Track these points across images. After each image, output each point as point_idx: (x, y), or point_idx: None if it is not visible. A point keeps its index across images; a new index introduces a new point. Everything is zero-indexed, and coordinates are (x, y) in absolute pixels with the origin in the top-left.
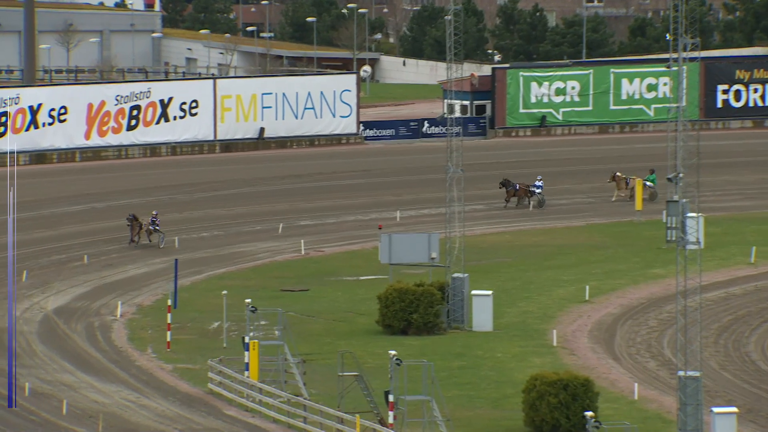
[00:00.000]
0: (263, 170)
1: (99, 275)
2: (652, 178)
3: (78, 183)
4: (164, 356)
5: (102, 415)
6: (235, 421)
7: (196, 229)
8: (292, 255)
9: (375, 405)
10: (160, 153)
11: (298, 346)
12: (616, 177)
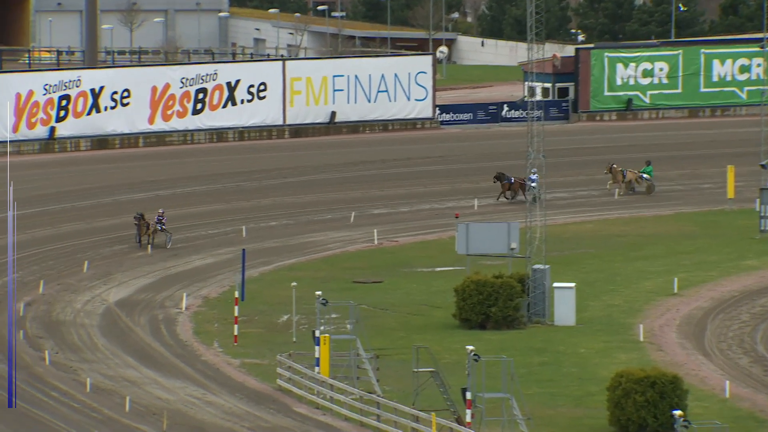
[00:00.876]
0: (334, 156)
1: (163, 266)
2: (649, 170)
3: (141, 169)
4: (231, 351)
5: (166, 412)
6: (305, 419)
7: (265, 218)
8: (365, 245)
9: (452, 403)
10: (227, 138)
11: (371, 340)
12: (612, 168)
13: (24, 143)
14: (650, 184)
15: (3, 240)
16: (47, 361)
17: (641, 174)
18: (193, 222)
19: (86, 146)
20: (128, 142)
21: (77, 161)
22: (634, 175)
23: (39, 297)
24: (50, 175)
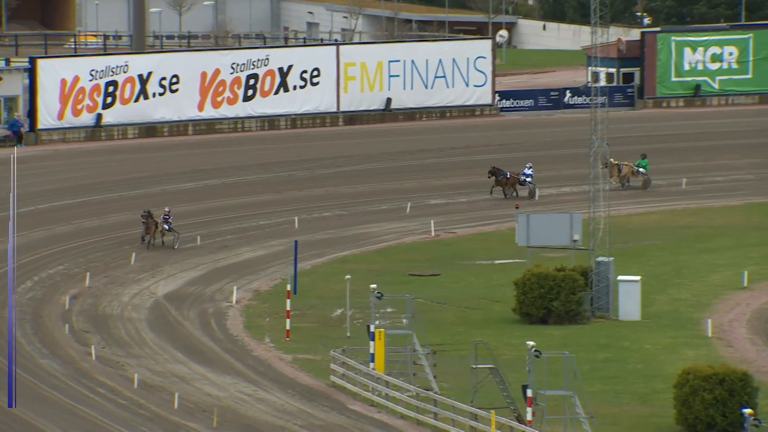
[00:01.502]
0: (390, 144)
1: (213, 258)
2: (644, 164)
3: (190, 158)
4: (283, 346)
5: (216, 409)
6: (359, 417)
7: (317, 209)
8: (421, 236)
9: (512, 400)
10: (279, 126)
11: (428, 335)
12: (608, 163)
13: (69, 131)
14: (646, 178)
15: (36, 234)
16: (93, 356)
17: (638, 168)
18: (243, 213)
19: (133, 134)
20: (177, 130)
21: (124, 150)
22: (630, 169)
23: (85, 290)
24: (96, 164)
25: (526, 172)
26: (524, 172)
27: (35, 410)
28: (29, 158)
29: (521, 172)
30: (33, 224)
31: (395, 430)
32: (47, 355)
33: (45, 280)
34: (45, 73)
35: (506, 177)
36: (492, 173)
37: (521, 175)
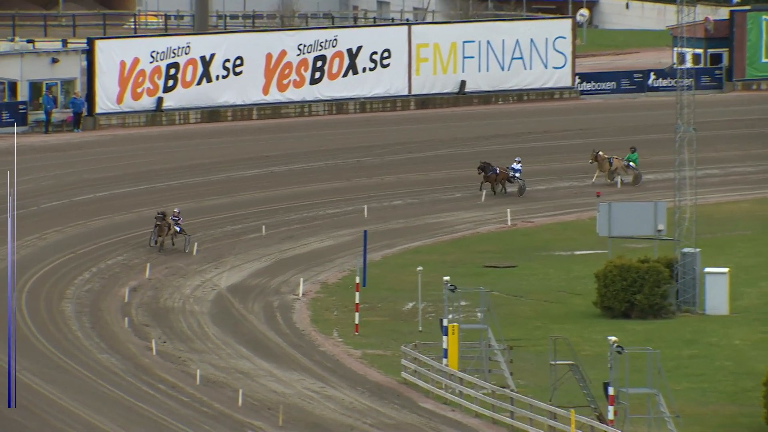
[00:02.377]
0: (464, 129)
1: (278, 248)
2: (634, 158)
3: (255, 144)
4: (352, 341)
5: (282, 406)
6: (432, 416)
7: (388, 197)
8: (497, 226)
9: (592, 398)
10: (347, 110)
11: (504, 330)
12: (598, 157)
13: (129, 115)
14: (637, 173)
15: (95, 223)
16: (154, 350)
17: (628, 162)
18: (310, 201)
19: (195, 119)
20: (241, 115)
21: (186, 135)
22: (621, 164)
23: (145, 282)
24: (157, 150)
25: (515, 167)
26: (512, 167)
27: (93, 407)
28: (87, 144)
29: (509, 166)
30: (91, 213)
31: (470, 429)
32: (106, 350)
33: (104, 271)
34: (103, 55)
35: (495, 173)
36: (482, 169)
37: (509, 170)
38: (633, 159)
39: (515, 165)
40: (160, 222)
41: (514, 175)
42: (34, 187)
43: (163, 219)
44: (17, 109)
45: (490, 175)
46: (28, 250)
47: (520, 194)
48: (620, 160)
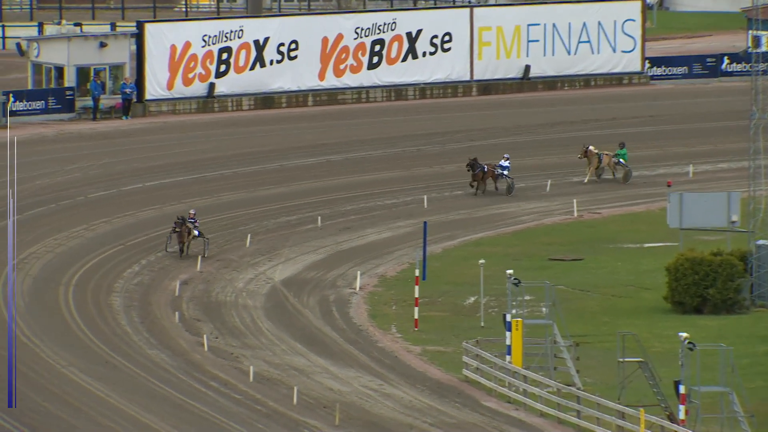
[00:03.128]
0: (528, 116)
1: (334, 240)
2: (623, 154)
3: (310, 131)
4: (411, 337)
5: (339, 405)
6: (495, 415)
7: (449, 186)
8: (563, 217)
9: (663, 397)
10: (407, 96)
11: (570, 326)
12: (588, 152)
13: (179, 102)
14: (627, 170)
15: (145, 213)
16: (206, 346)
17: (619, 159)
18: (368, 191)
19: (249, 105)
20: (296, 101)
21: (239, 122)
22: (610, 160)
23: (196, 275)
24: (208, 137)
25: (503, 164)
26: (500, 164)
27: (143, 405)
28: (136, 131)
29: (497, 164)
30: (141, 203)
31: (534, 429)
32: (156, 346)
33: (153, 263)
34: (153, 39)
35: (483, 170)
36: (470, 166)
37: (497, 168)
38: (622, 155)
39: (503, 162)
40: (179, 228)
41: (501, 173)
42: (81, 177)
43: (182, 224)
44: (64, 95)
45: (478, 173)
46: (76, 241)
47: (508, 193)
48: (610, 156)
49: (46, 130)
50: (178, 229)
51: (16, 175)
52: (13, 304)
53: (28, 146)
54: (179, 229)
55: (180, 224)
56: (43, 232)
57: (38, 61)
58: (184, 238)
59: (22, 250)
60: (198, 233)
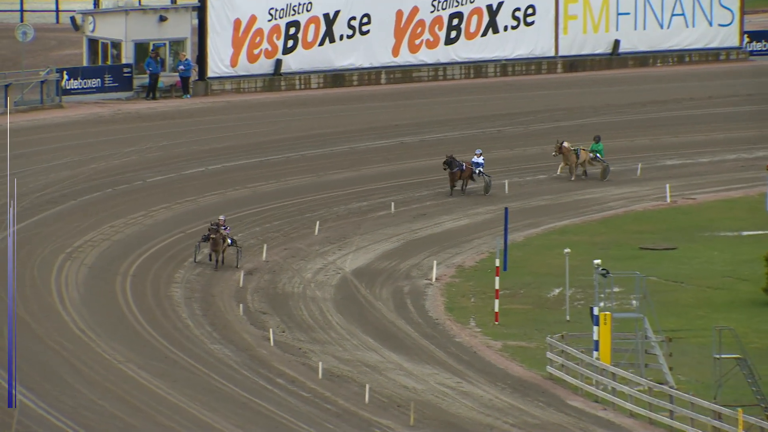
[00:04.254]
0: (617, 95)
1: (409, 228)
2: (600, 148)
3: (383, 111)
4: (491, 331)
5: (413, 404)
6: (581, 415)
7: (532, 170)
8: (655, 203)
9: (762, 396)
10: (487, 73)
11: (662, 319)
12: (563, 148)
13: (244, 79)
14: (605, 165)
15: (206, 199)
16: (272, 341)
17: (595, 154)
18: (444, 175)
19: (317, 83)
20: (368, 79)
21: (307, 101)
22: (587, 156)
23: (262, 264)
24: (275, 118)
25: (476, 161)
26: (474, 161)
27: (205, 403)
28: (198, 111)
29: (470, 160)
30: (202, 187)
31: (623, 429)
32: (218, 340)
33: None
34: (216, 12)
35: (461, 169)
36: (447, 164)
37: (472, 166)
38: (598, 150)
39: (476, 158)
40: (215, 235)
41: (479, 171)
42: (139, 160)
43: (217, 231)
44: (121, 72)
45: (456, 171)
46: (134, 228)
47: (485, 192)
48: (587, 151)
49: (102, 109)
50: (213, 236)
51: (71, 158)
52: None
53: (83, 127)
54: (214, 236)
55: (214, 230)
56: (99, 218)
57: (94, 37)
58: (219, 246)
59: (77, 237)
60: (231, 241)
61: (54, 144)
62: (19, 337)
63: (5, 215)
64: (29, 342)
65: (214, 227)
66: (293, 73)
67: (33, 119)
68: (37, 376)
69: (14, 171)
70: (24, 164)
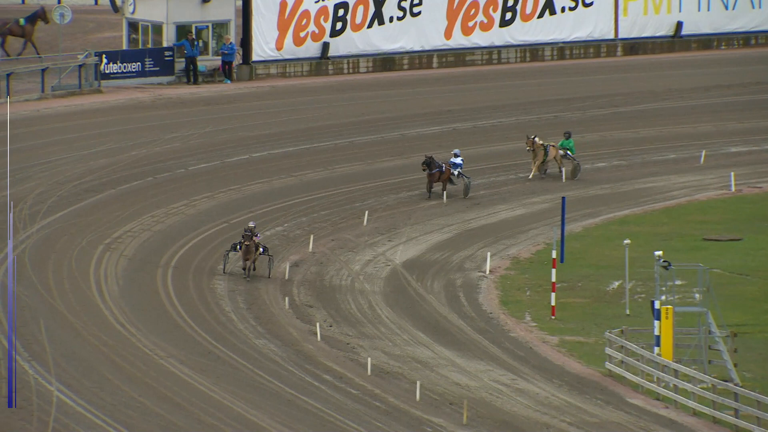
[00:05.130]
0: (679, 79)
1: (461, 218)
2: (570, 145)
3: (435, 96)
4: (547, 326)
5: (467, 401)
6: (641, 413)
7: (590, 158)
8: (719, 192)
9: None
10: (543, 56)
11: (726, 314)
12: (534, 143)
13: (290, 63)
14: (576, 164)
15: (251, 187)
16: (318, 336)
17: (566, 151)
18: (499, 162)
19: (366, 67)
20: (419, 63)
21: (355, 86)
22: (557, 152)
23: (308, 256)
24: (322, 103)
25: (454, 161)
26: (452, 162)
27: (249, 400)
28: (242, 96)
29: (449, 161)
30: (247, 176)
31: (686, 428)
32: (263, 335)
33: (261, 243)
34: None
35: (441, 170)
36: (427, 165)
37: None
38: (569, 147)
39: (454, 159)
40: (248, 242)
41: (458, 172)
42: (181, 147)
43: (251, 237)
44: (162, 56)
45: (435, 173)
46: (175, 218)
47: (465, 195)
48: (556, 148)
49: (143, 94)
50: (247, 243)
51: (110, 145)
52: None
53: (122, 112)
54: (248, 243)
55: (248, 237)
56: (139, 208)
57: (134, 19)
58: (252, 254)
59: (116, 228)
60: (263, 249)
61: (92, 130)
62: (57, 331)
63: (41, 205)
64: (67, 337)
65: (247, 233)
66: (341, 57)
67: (70, 104)
68: (75, 372)
69: (51, 159)
70: (61, 151)
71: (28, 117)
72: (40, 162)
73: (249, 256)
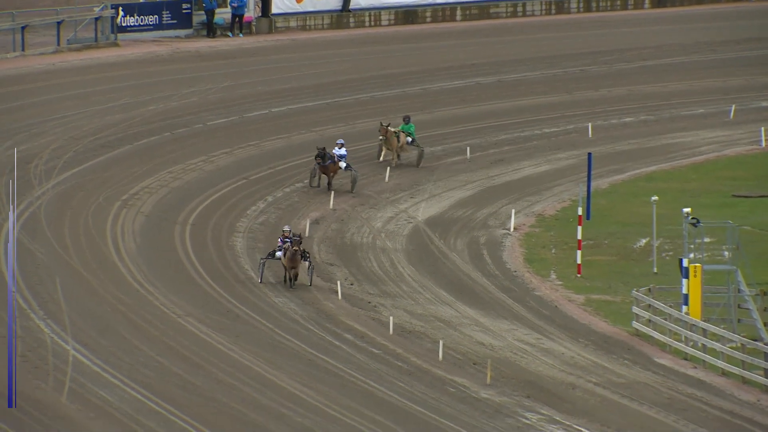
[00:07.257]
0: (708, 32)
1: (485, 174)
2: (411, 130)
3: (458, 50)
4: (573, 284)
5: (490, 361)
6: (669, 373)
7: (617, 113)
8: (749, 147)
9: None
10: (569, 8)
11: (757, 272)
12: (387, 131)
13: (310, 16)
14: (420, 150)
15: (270, 143)
16: (339, 294)
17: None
18: (523, 118)
19: (388, 20)
20: (442, 15)
21: (377, 39)
22: (405, 139)
23: (329, 213)
24: (343, 57)
25: (338, 152)
26: (336, 152)
27: (268, 360)
28: (261, 50)
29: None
30: (266, 131)
31: (714, 389)
32: (282, 293)
33: (280, 200)
34: None
35: (334, 162)
36: (321, 157)
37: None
38: (409, 131)
39: (338, 150)
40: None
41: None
42: (199, 102)
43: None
44: (180, 8)
45: (328, 165)
46: (193, 174)
47: (352, 189)
48: (405, 134)
49: (160, 48)
50: (295, 248)
51: (127, 100)
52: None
53: (139, 66)
54: (296, 249)
55: (297, 242)
56: (157, 164)
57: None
58: (299, 263)
59: (133, 184)
60: (305, 256)
61: (109, 84)
62: (73, 289)
63: (56, 160)
64: (83, 295)
65: (294, 239)
66: (362, 9)
67: (86, 58)
68: (92, 331)
69: (67, 113)
70: (77, 106)
71: (43, 71)
72: (55, 117)
73: (295, 264)
